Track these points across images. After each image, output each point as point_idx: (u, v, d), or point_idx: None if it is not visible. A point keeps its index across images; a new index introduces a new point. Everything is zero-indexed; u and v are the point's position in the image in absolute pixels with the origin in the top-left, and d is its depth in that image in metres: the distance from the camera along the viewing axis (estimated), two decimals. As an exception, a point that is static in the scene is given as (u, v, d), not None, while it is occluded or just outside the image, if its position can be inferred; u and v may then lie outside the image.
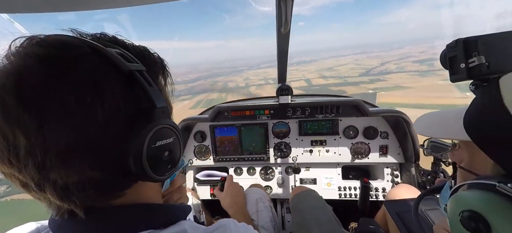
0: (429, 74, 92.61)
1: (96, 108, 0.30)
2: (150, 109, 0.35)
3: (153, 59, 0.42)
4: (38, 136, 0.28)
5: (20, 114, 0.27)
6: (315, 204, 1.15)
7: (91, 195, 0.33)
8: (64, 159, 0.29)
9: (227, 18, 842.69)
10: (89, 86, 0.30)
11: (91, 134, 0.30)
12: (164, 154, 0.38)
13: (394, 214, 1.03)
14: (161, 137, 0.37)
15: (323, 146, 1.62)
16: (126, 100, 0.33)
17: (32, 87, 0.28)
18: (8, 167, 0.30)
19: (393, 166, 1.58)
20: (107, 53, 0.33)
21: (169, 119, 0.39)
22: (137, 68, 0.35)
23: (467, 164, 0.49)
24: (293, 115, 1.54)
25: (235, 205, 1.12)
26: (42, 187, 0.31)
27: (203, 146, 1.71)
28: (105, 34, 0.39)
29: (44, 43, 0.31)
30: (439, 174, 1.27)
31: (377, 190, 1.59)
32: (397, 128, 1.48)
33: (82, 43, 0.33)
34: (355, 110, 1.47)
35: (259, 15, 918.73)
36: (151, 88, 0.36)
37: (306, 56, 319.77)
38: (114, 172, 0.34)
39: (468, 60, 0.43)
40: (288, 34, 1.04)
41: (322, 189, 1.66)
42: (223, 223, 0.44)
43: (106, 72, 0.32)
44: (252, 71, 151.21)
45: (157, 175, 0.36)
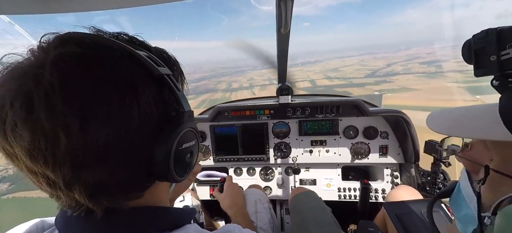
0: (437, 76, 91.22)
1: (133, 110, 0.31)
2: (178, 113, 0.37)
3: (173, 62, 0.44)
4: (79, 135, 0.28)
5: (65, 114, 0.27)
6: (315, 205, 1.15)
7: (117, 195, 0.34)
8: (101, 159, 0.30)
9: (231, 18, 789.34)
10: (128, 88, 0.31)
11: (128, 135, 0.31)
12: (187, 156, 0.40)
13: (394, 216, 1.03)
14: (187, 140, 0.38)
15: (323, 146, 1.62)
16: (157, 103, 0.34)
17: (76, 87, 0.28)
18: (42, 166, 0.29)
19: (393, 167, 1.58)
20: (140, 57, 0.34)
21: (193, 122, 0.41)
22: (166, 72, 0.36)
23: (498, 166, 0.44)
24: (293, 115, 1.54)
25: (235, 206, 1.12)
26: (71, 186, 0.31)
27: (203, 146, 1.72)
28: (125, 33, 0.39)
29: (79, 41, 0.32)
30: (439, 175, 1.27)
31: (377, 191, 1.59)
32: (397, 128, 1.48)
33: (117, 46, 0.34)
34: (355, 110, 1.48)
35: (262, 16, 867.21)
36: (179, 92, 0.37)
37: (310, 57, 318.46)
38: (141, 172, 0.35)
39: (500, 51, 0.39)
40: (288, 34, 1.05)
41: (321, 190, 1.67)
42: (228, 229, 0.45)
43: (141, 76, 0.33)
44: (256, 71, 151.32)
45: (179, 176, 0.38)
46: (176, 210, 0.45)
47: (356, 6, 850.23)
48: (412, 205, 1.07)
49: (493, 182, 0.45)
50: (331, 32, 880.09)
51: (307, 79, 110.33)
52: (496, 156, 0.45)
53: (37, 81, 0.27)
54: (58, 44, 0.31)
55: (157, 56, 0.39)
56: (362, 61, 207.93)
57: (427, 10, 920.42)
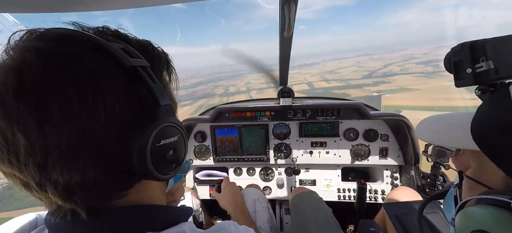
0: (435, 76, 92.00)
1: (98, 106, 0.29)
2: (154, 107, 0.35)
3: (157, 54, 0.41)
4: (39, 136, 0.27)
5: (19, 113, 0.26)
6: (315, 205, 1.16)
7: (94, 196, 0.33)
8: (66, 159, 0.29)
9: (228, 22, 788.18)
10: (91, 83, 0.30)
11: (94, 132, 0.29)
12: (169, 153, 0.38)
13: (393, 216, 1.04)
14: (165, 135, 0.36)
15: (323, 148, 1.64)
16: (129, 98, 0.32)
17: (32, 84, 0.27)
18: (8, 166, 0.29)
19: (392, 169, 1.60)
20: (110, 47, 0.32)
21: (173, 117, 0.38)
22: (140, 63, 0.34)
23: (474, 173, 0.46)
24: (294, 117, 1.56)
25: (234, 203, 1.13)
26: (43, 187, 0.30)
27: (203, 146, 1.74)
28: (108, 27, 0.38)
29: (45, 37, 0.30)
30: (438, 178, 1.30)
31: (377, 192, 1.61)
32: (398, 131, 1.51)
33: (84, 37, 0.32)
34: (356, 113, 1.50)
35: (259, 19, 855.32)
36: (155, 85, 0.35)
37: (307, 60, 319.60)
38: (117, 171, 0.33)
39: (475, 65, 0.41)
40: (291, 38, 1.07)
41: (321, 190, 1.69)
42: (223, 226, 0.43)
43: (109, 68, 0.31)
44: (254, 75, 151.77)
45: (161, 174, 0.36)
46: (170, 208, 0.44)
47: (351, 8, 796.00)
48: (412, 206, 1.09)
49: (468, 188, 0.48)
50: (327, 34, 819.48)
51: (304, 82, 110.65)
52: (473, 163, 0.47)
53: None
54: (25, 40, 0.30)
55: (138, 48, 0.38)
56: (358, 62, 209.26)
57: (420, 11, 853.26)
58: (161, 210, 0.41)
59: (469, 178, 0.47)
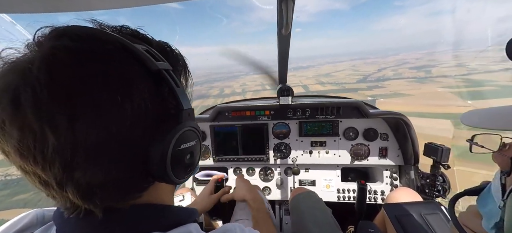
0: (427, 81, 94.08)
1: (125, 107, 0.29)
2: (177, 111, 0.35)
3: (176, 57, 0.42)
4: (68, 134, 0.27)
5: (52, 111, 0.26)
6: (315, 206, 1.16)
7: (113, 196, 0.33)
8: (92, 158, 0.29)
9: (225, 24, 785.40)
10: (120, 84, 0.30)
11: (120, 133, 0.30)
12: (186, 157, 0.38)
13: (393, 217, 1.05)
14: (186, 140, 0.36)
15: (322, 148, 1.64)
16: (154, 100, 0.33)
17: (65, 81, 0.27)
18: (32, 165, 0.29)
19: (392, 169, 1.61)
20: (136, 50, 0.33)
21: (193, 121, 0.39)
22: (164, 67, 0.35)
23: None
24: (294, 116, 1.56)
25: (251, 190, 1.13)
26: (64, 186, 0.30)
27: (202, 146, 1.73)
28: (127, 27, 0.38)
29: (73, 35, 0.30)
30: (438, 178, 1.30)
31: (376, 193, 1.61)
32: (397, 130, 1.51)
33: (111, 38, 0.32)
34: (355, 112, 1.50)
35: (256, 22, 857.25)
36: (178, 89, 0.35)
37: (303, 62, 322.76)
38: (137, 172, 0.34)
39: None
40: (289, 36, 1.07)
41: (321, 191, 1.68)
42: (228, 228, 0.43)
43: (136, 71, 0.32)
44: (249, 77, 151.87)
45: (177, 178, 0.37)
46: (179, 208, 0.44)
47: (346, 12, 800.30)
48: (412, 206, 1.09)
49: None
50: (322, 38, 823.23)
51: (300, 84, 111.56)
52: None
53: (25, 76, 0.27)
54: (52, 38, 0.30)
55: (158, 49, 0.38)
56: (353, 66, 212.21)
57: (412, 17, 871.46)
58: (171, 210, 0.41)
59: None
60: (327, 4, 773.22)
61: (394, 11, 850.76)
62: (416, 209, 1.07)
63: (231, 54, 1.75)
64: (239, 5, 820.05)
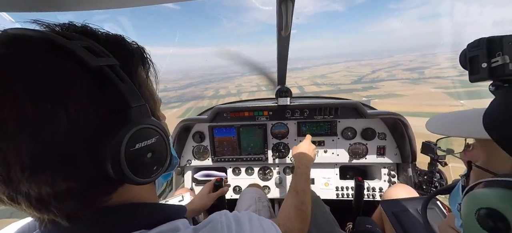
0: (421, 82, 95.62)
1: (59, 114, 0.27)
2: (124, 110, 0.32)
3: (130, 50, 0.38)
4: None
5: None
6: (313, 203, 1.19)
7: (71, 205, 0.31)
8: (31, 172, 0.27)
9: (222, 24, 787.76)
10: (48, 89, 0.27)
11: (57, 142, 0.27)
12: (147, 156, 0.35)
13: (390, 213, 1.07)
14: (141, 138, 0.33)
15: (321, 147, 1.66)
16: (95, 101, 0.30)
17: None
18: None
19: (390, 166, 1.63)
20: (71, 46, 0.29)
21: (148, 118, 0.35)
22: (106, 62, 0.32)
23: (483, 163, 0.49)
24: (292, 117, 1.58)
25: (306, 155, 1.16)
26: (15, 200, 0.28)
27: (201, 147, 1.73)
28: (74, 24, 0.35)
29: (2, 40, 0.28)
30: (435, 175, 1.33)
31: (374, 190, 1.64)
32: (395, 129, 1.54)
33: (40, 38, 0.29)
34: (353, 112, 1.53)
35: (253, 22, 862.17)
36: (124, 85, 0.32)
37: (298, 63, 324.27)
38: (93, 179, 0.31)
39: (490, 59, 0.43)
40: (289, 37, 1.08)
41: (319, 189, 1.71)
42: (214, 217, 0.41)
43: (69, 71, 0.29)
44: (245, 78, 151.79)
45: (142, 178, 0.34)
46: (164, 205, 0.42)
47: (341, 14, 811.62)
48: (409, 202, 1.12)
49: (476, 177, 0.51)
50: (317, 39, 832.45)
51: (295, 85, 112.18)
52: (482, 154, 0.50)
53: None
54: None
55: (108, 44, 0.35)
56: (348, 68, 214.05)
57: (405, 20, 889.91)
58: (149, 207, 0.39)
59: (478, 167, 0.50)
60: (323, 6, 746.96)
61: (388, 13, 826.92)
62: (412, 205, 1.09)
63: (227, 55, 1.76)
64: (235, 6, 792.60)
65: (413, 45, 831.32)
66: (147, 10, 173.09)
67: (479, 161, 0.51)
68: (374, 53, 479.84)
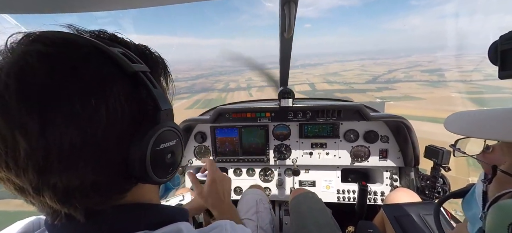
0: (440, 85, 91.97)
1: (100, 110, 0.30)
2: (154, 111, 0.36)
3: (155, 59, 0.42)
4: (40, 139, 0.27)
5: (21, 116, 0.27)
6: (315, 206, 1.19)
7: (93, 199, 0.33)
8: (67, 163, 0.29)
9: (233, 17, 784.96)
10: (94, 87, 0.30)
11: (95, 136, 0.30)
12: (167, 157, 0.39)
13: (392, 218, 1.07)
14: (165, 139, 0.37)
15: (323, 149, 1.68)
16: (130, 102, 0.33)
17: (35, 87, 0.28)
18: (4, 171, 0.29)
19: (392, 170, 1.63)
20: (111, 53, 0.33)
21: (172, 121, 0.40)
22: (141, 69, 0.35)
23: (509, 168, 0.46)
24: (294, 118, 1.59)
25: (220, 203, 0.84)
26: (40, 191, 0.30)
27: (203, 147, 1.78)
28: (105, 31, 0.39)
29: (45, 40, 0.30)
30: (438, 180, 1.32)
31: (376, 193, 1.64)
32: (398, 133, 1.54)
33: (86, 42, 0.33)
34: (356, 115, 1.53)
35: (265, 14, 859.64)
36: (156, 90, 0.36)
37: (311, 59, 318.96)
38: (117, 175, 0.34)
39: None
40: (291, 39, 1.10)
41: (321, 191, 1.72)
42: (219, 224, 0.43)
43: (111, 73, 0.32)
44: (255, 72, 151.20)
45: (159, 177, 0.37)
46: (167, 207, 0.44)
47: (357, 9, 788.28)
48: (411, 207, 1.11)
49: (500, 182, 0.46)
50: (331, 35, 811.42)
51: (306, 82, 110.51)
52: (509, 158, 0.46)
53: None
54: (24, 43, 0.30)
55: (137, 53, 0.39)
56: (362, 66, 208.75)
57: (428, 17, 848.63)
58: (158, 208, 0.42)
59: (505, 173, 0.46)
60: (338, 0, 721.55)
61: (406, 10, 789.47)
62: (414, 210, 1.09)
63: (230, 56, 1.78)
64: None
65: (434, 45, 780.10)
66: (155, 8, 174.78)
67: (504, 166, 0.47)
68: (390, 52, 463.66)
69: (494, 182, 0.49)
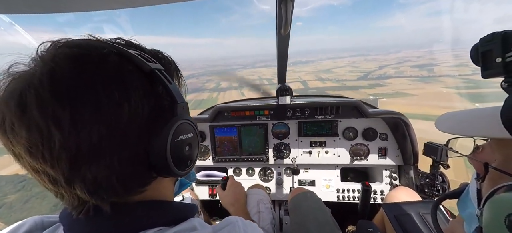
0: (431, 80, 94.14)
1: (123, 104, 0.33)
2: (171, 105, 0.40)
3: (167, 60, 0.47)
4: (72, 130, 0.30)
5: (55, 108, 0.30)
6: (314, 206, 1.20)
7: (118, 190, 0.36)
8: (95, 153, 0.32)
9: (225, 16, 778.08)
10: (117, 83, 0.34)
11: (119, 128, 0.33)
12: (186, 149, 0.42)
13: (392, 217, 1.09)
14: (183, 131, 0.41)
15: (322, 147, 1.69)
16: (149, 96, 0.37)
17: (65, 82, 0.31)
18: (41, 162, 0.32)
19: (391, 168, 1.66)
20: (130, 54, 0.37)
21: (188, 114, 0.43)
22: (156, 67, 0.39)
23: (501, 165, 0.48)
24: (293, 116, 1.61)
25: (237, 202, 1.17)
26: (71, 182, 0.33)
27: (202, 146, 1.77)
28: (122, 38, 0.43)
29: (71, 44, 0.35)
30: (437, 177, 1.34)
31: (376, 192, 1.66)
32: (397, 129, 1.56)
33: (106, 45, 0.37)
34: (355, 112, 1.55)
35: (256, 14, 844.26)
36: (171, 85, 0.40)
37: (302, 57, 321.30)
38: (139, 166, 0.37)
39: (505, 54, 0.42)
40: (288, 36, 1.11)
41: (320, 191, 1.73)
42: (231, 220, 0.47)
43: (130, 71, 0.36)
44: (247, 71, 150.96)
45: (179, 169, 0.40)
46: (181, 204, 0.47)
47: (346, 8, 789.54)
48: (411, 206, 1.13)
49: (493, 179, 0.49)
50: (322, 33, 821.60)
51: (299, 80, 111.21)
52: (499, 155, 0.49)
53: (29, 82, 0.31)
54: (53, 49, 0.35)
55: (150, 55, 0.42)
56: (353, 63, 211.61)
57: (414, 15, 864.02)
58: (172, 206, 0.45)
59: (496, 169, 0.48)
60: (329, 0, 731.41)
61: (395, 9, 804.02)
62: (414, 209, 1.11)
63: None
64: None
65: (422, 41, 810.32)
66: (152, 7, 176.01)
67: (495, 163, 0.49)
68: (380, 48, 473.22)
69: (487, 179, 0.51)
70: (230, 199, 1.19)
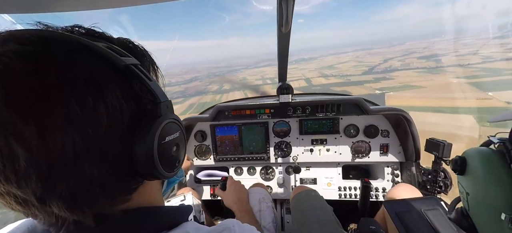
0: (439, 71, 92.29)
1: (99, 108, 0.29)
2: (154, 105, 0.36)
3: (141, 52, 0.41)
4: (40, 145, 0.26)
5: (14, 124, 0.25)
6: (316, 204, 1.21)
7: (101, 201, 0.33)
8: (73, 166, 0.28)
9: (226, 16, 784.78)
10: (88, 85, 0.29)
11: (98, 135, 0.29)
12: (173, 149, 0.39)
13: (394, 214, 1.09)
14: (169, 132, 0.37)
15: (323, 145, 1.70)
16: (128, 97, 0.33)
17: (23, 90, 0.26)
18: (4, 184, 0.28)
19: (393, 165, 1.66)
20: (97, 48, 0.32)
21: (173, 113, 0.39)
22: (132, 62, 0.34)
23: None
24: (294, 114, 1.62)
25: (239, 201, 1.19)
26: (46, 201, 0.29)
27: (203, 146, 1.79)
28: (80, 26, 0.36)
29: (20, 39, 0.28)
30: (440, 174, 1.33)
31: (377, 190, 1.67)
32: (398, 126, 1.56)
33: (65, 38, 0.31)
34: (356, 109, 1.55)
35: (257, 14, 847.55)
36: (151, 82, 0.36)
37: (305, 54, 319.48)
38: (124, 174, 0.34)
39: None
40: (289, 34, 1.11)
41: (322, 189, 1.74)
42: (227, 225, 0.43)
43: (102, 69, 0.31)
44: (250, 70, 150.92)
45: (167, 172, 0.37)
46: (170, 208, 0.45)
47: (348, 3, 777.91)
48: (412, 203, 1.13)
49: None
50: (324, 29, 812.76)
51: (302, 78, 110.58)
52: None
53: None
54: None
55: (120, 46, 0.37)
56: (357, 57, 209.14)
57: (416, 6, 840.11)
58: (162, 211, 0.42)
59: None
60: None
61: (397, 1, 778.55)
62: (416, 205, 1.11)
63: None
64: None
65: (426, 31, 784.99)
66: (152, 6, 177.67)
67: None
68: (384, 41, 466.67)
69: None
70: (232, 197, 1.21)
